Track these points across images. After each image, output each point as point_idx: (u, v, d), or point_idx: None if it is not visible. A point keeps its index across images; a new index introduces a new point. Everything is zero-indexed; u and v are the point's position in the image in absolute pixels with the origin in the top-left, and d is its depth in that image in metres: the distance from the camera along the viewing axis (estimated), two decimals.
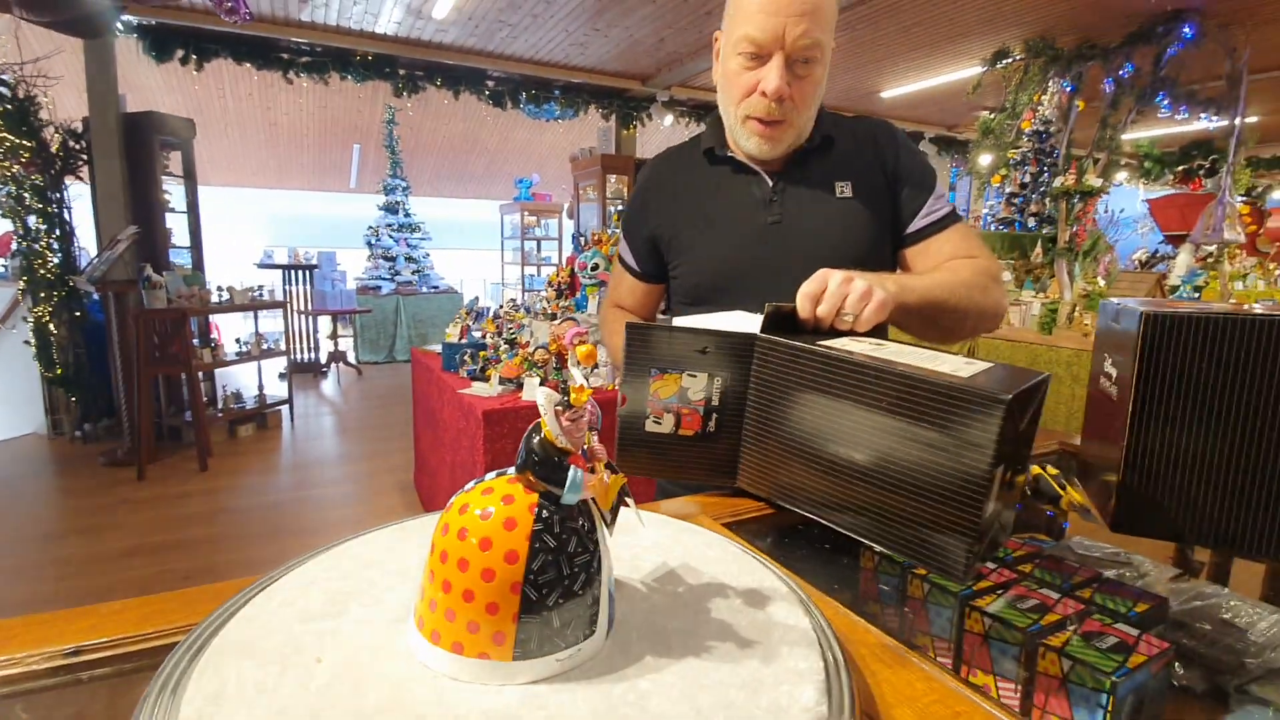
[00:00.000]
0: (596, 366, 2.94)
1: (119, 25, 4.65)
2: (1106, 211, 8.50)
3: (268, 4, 4.74)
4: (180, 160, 5.16)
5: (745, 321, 0.75)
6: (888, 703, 0.43)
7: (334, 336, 7.64)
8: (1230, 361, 0.65)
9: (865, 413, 0.60)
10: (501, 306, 3.81)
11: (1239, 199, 6.27)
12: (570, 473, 0.40)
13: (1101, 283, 5.03)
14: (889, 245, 1.07)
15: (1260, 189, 8.77)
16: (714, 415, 0.71)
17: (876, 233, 1.04)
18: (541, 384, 2.87)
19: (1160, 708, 0.69)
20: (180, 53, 5.13)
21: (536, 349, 3.05)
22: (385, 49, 5.52)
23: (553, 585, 0.39)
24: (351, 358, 8.00)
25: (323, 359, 7.56)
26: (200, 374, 4.48)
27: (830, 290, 0.76)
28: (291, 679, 0.38)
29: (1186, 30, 4.41)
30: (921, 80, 6.30)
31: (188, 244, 5.28)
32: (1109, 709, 0.63)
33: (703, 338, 0.70)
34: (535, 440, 0.41)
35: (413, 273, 9.07)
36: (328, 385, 7.04)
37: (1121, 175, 9.46)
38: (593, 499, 0.42)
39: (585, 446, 0.44)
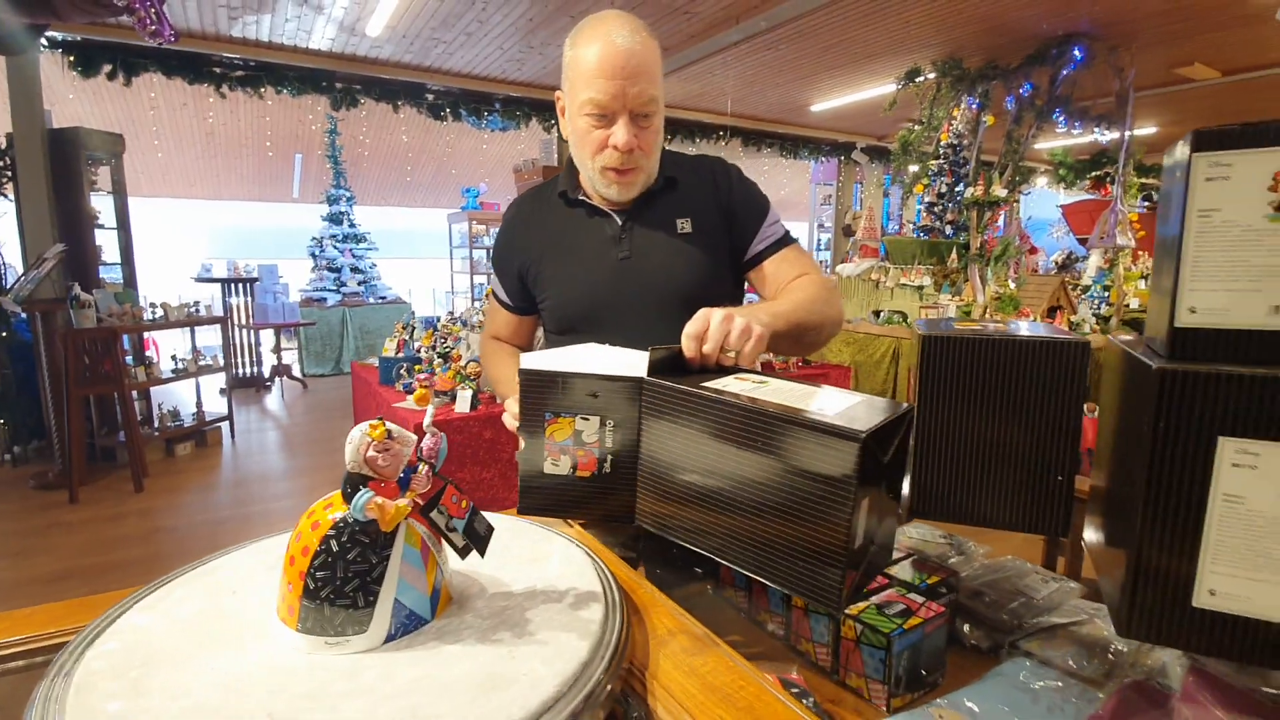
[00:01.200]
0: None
1: (42, 42, 4.57)
2: (1029, 219, 9.01)
3: (197, 20, 4.72)
4: (109, 175, 5.08)
5: (634, 362, 0.77)
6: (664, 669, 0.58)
7: (277, 350, 7.55)
8: (981, 373, 0.78)
9: (742, 451, 0.63)
10: (440, 320, 3.90)
11: (1138, 205, 6.78)
12: (356, 495, 0.53)
13: (1012, 285, 5.40)
14: (728, 274, 1.22)
15: (1161, 194, 9.41)
16: (609, 457, 0.73)
17: (714, 264, 1.19)
18: (474, 396, 2.99)
19: (939, 660, 0.85)
20: (107, 68, 5.05)
21: (469, 362, 3.17)
22: (320, 64, 5.54)
23: (327, 581, 0.51)
24: (297, 371, 7.91)
25: (266, 373, 7.46)
26: (134, 393, 4.44)
27: (712, 329, 0.80)
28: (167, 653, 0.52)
29: (1077, 52, 4.80)
30: (846, 95, 6.62)
31: (119, 260, 5.20)
32: (888, 663, 0.80)
33: (592, 382, 0.72)
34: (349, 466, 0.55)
35: (359, 283, 9.01)
36: (271, 400, 6.96)
37: (1042, 181, 10.04)
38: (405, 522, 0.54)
39: (400, 476, 0.54)
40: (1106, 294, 5.27)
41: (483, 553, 0.60)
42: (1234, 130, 0.60)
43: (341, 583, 0.52)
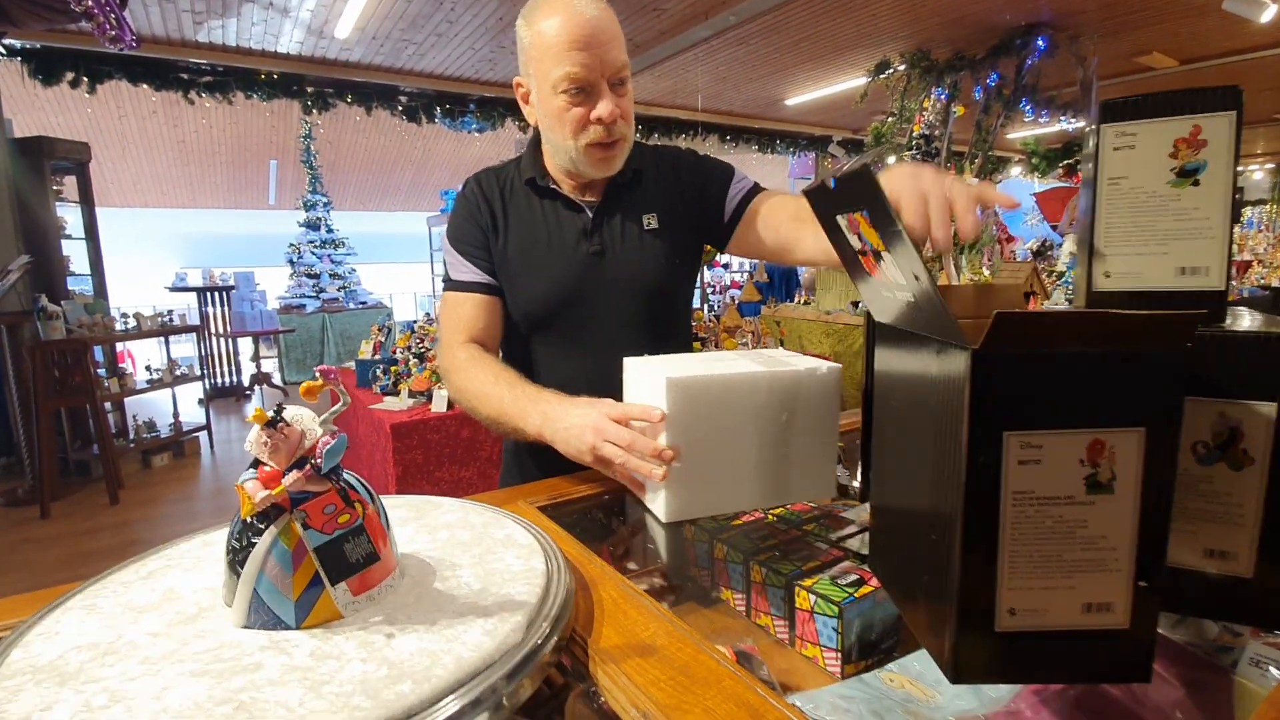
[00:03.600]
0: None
1: (0, 50, 4.50)
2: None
3: (160, 25, 4.66)
4: (75, 184, 5.00)
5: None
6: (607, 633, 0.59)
7: (256, 358, 7.48)
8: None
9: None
10: (417, 321, 3.89)
11: None
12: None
13: (986, 272, 5.48)
14: (691, 268, 1.24)
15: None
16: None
17: (680, 261, 1.20)
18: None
19: (892, 629, 0.88)
20: (70, 75, 4.97)
21: None
22: (290, 68, 5.48)
23: (227, 545, 0.55)
24: (277, 379, 7.83)
25: (245, 382, 7.39)
26: (108, 404, 4.37)
27: (938, 209, 0.68)
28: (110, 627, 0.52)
29: (1040, 42, 4.88)
30: (820, 89, 6.68)
31: (88, 271, 5.12)
32: (839, 630, 0.82)
33: None
34: None
35: (338, 289, 8.94)
36: (251, 409, 6.89)
37: (1016, 170, 10.18)
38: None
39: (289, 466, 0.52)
40: None
41: (334, 583, 0.53)
42: (1137, 101, 0.63)
43: (229, 554, 0.54)
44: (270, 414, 0.54)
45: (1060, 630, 0.50)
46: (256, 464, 0.54)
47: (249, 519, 0.52)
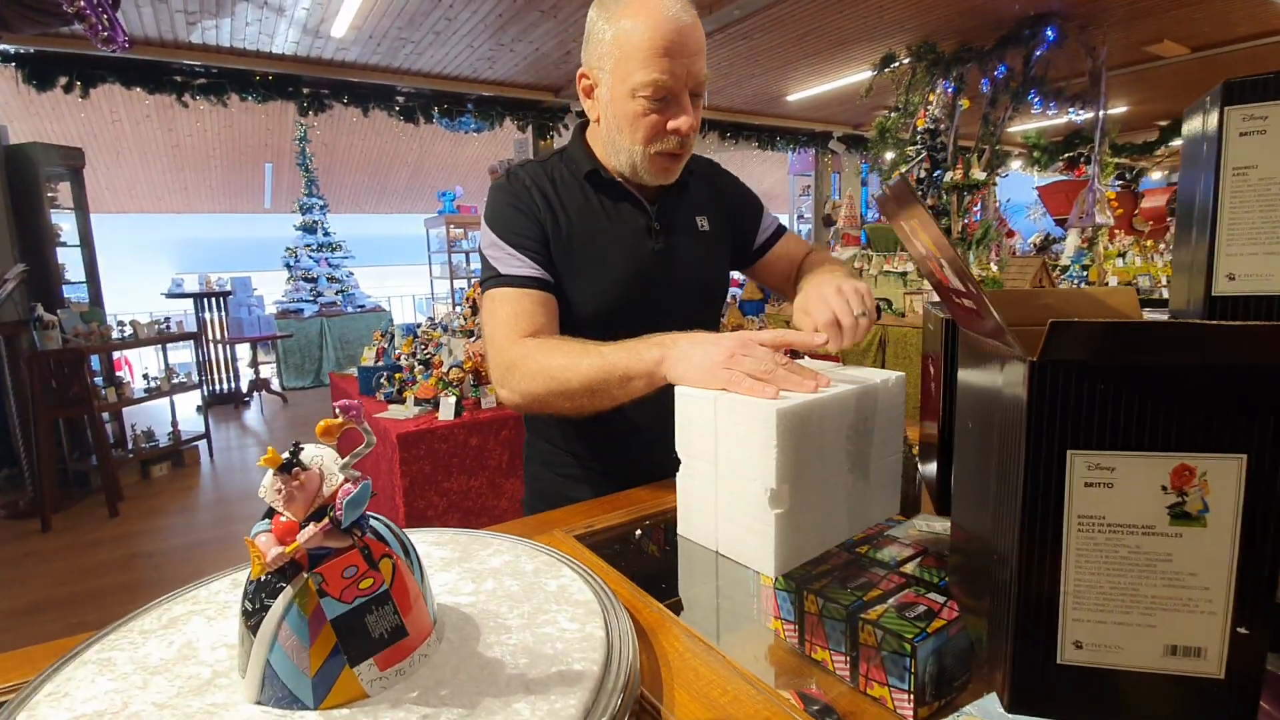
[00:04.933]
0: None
1: None
2: (1007, 201, 9.08)
3: (154, 27, 4.58)
4: (70, 191, 4.92)
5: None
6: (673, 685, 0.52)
7: (254, 364, 7.39)
8: None
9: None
10: (420, 326, 3.81)
11: (1112, 184, 6.84)
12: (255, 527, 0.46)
13: (994, 269, 5.41)
14: (728, 268, 1.25)
15: (1135, 172, 9.54)
16: None
17: (723, 260, 1.22)
18: (458, 403, 2.91)
19: (964, 664, 0.81)
20: (63, 80, 4.89)
21: (451, 368, 3.08)
22: (286, 69, 5.40)
23: (241, 611, 0.47)
24: (276, 385, 7.75)
25: (244, 388, 7.30)
26: (106, 414, 4.29)
27: (846, 316, 0.88)
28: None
29: (1049, 32, 4.81)
30: (822, 84, 6.60)
31: (84, 279, 5.04)
32: (912, 670, 0.75)
33: None
34: None
35: (336, 293, 8.85)
36: (250, 415, 6.81)
37: (1016, 164, 10.11)
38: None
39: (306, 517, 0.45)
40: (1085, 273, 5.30)
41: (354, 662, 0.45)
42: (1269, 79, 0.55)
43: (243, 610, 0.46)
44: (285, 456, 0.46)
45: (1138, 671, 0.45)
46: (271, 513, 0.47)
47: (264, 578, 0.45)
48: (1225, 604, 0.43)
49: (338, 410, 0.46)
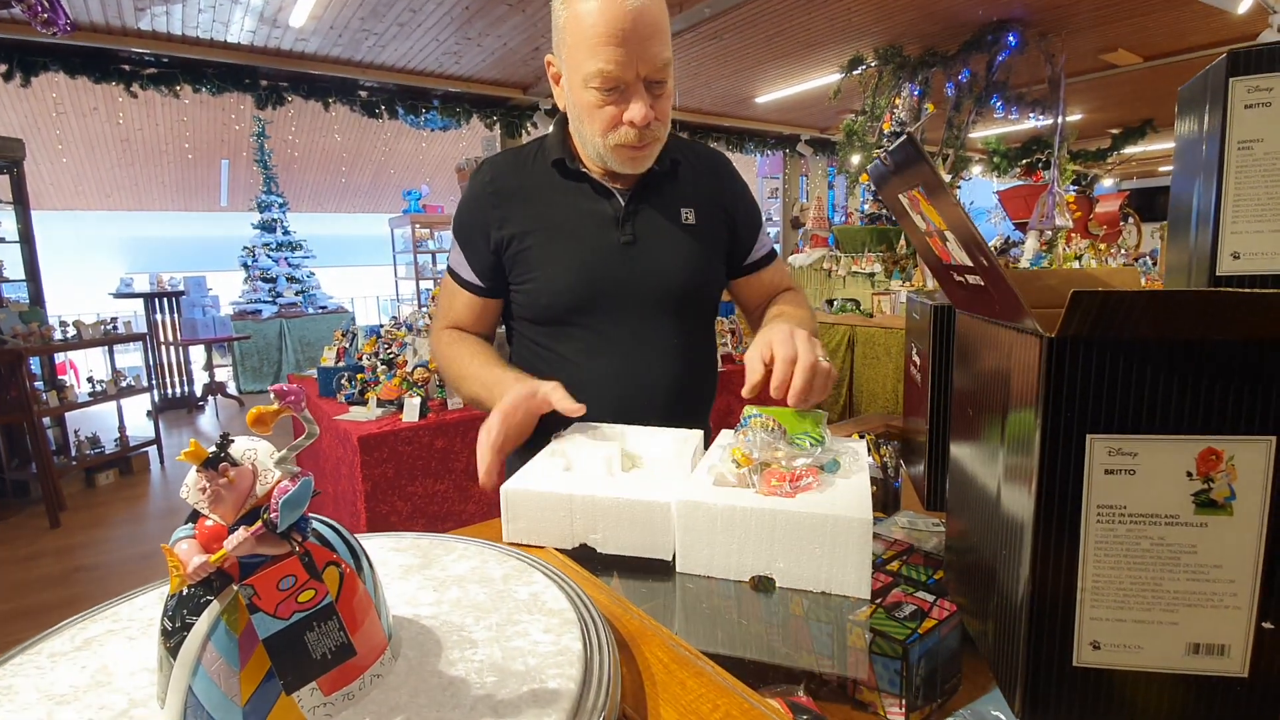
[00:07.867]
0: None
1: None
2: (971, 204, 9.28)
3: (100, 12, 4.36)
4: (9, 185, 4.65)
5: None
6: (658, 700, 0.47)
7: (209, 367, 7.12)
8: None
9: None
10: (384, 326, 3.70)
11: (1069, 189, 7.04)
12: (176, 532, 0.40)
13: None
14: (722, 270, 1.17)
15: (1089, 178, 9.85)
16: None
17: (713, 259, 1.13)
18: (423, 403, 2.81)
19: (955, 665, 0.79)
20: (2, 68, 4.62)
21: (416, 368, 2.99)
22: (241, 59, 5.20)
23: (160, 631, 0.40)
24: (232, 388, 7.48)
25: (198, 392, 7.03)
26: (46, 419, 4.07)
27: (801, 379, 0.80)
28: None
29: (1011, 39, 4.91)
30: (790, 86, 6.64)
31: (23, 277, 4.77)
32: (904, 674, 0.72)
33: None
34: None
35: (296, 293, 8.60)
36: (205, 420, 6.56)
37: (976, 169, 10.36)
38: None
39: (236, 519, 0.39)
40: None
41: (292, 688, 0.39)
42: (1275, 48, 0.53)
43: (161, 630, 0.39)
44: (211, 449, 0.39)
45: (1159, 673, 0.42)
46: (195, 516, 0.40)
47: (185, 591, 0.39)
48: (1251, 598, 0.40)
49: (273, 396, 0.40)
